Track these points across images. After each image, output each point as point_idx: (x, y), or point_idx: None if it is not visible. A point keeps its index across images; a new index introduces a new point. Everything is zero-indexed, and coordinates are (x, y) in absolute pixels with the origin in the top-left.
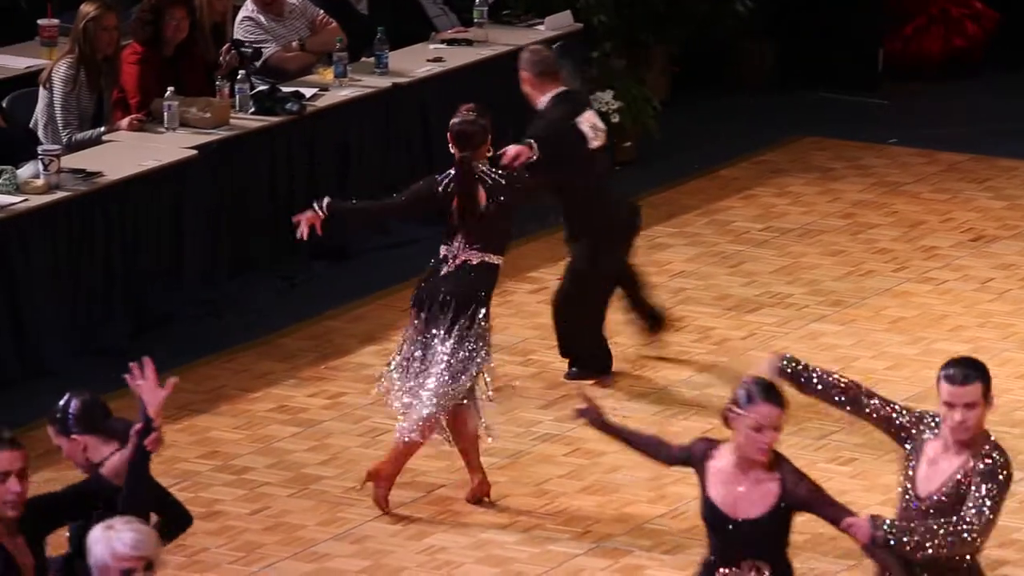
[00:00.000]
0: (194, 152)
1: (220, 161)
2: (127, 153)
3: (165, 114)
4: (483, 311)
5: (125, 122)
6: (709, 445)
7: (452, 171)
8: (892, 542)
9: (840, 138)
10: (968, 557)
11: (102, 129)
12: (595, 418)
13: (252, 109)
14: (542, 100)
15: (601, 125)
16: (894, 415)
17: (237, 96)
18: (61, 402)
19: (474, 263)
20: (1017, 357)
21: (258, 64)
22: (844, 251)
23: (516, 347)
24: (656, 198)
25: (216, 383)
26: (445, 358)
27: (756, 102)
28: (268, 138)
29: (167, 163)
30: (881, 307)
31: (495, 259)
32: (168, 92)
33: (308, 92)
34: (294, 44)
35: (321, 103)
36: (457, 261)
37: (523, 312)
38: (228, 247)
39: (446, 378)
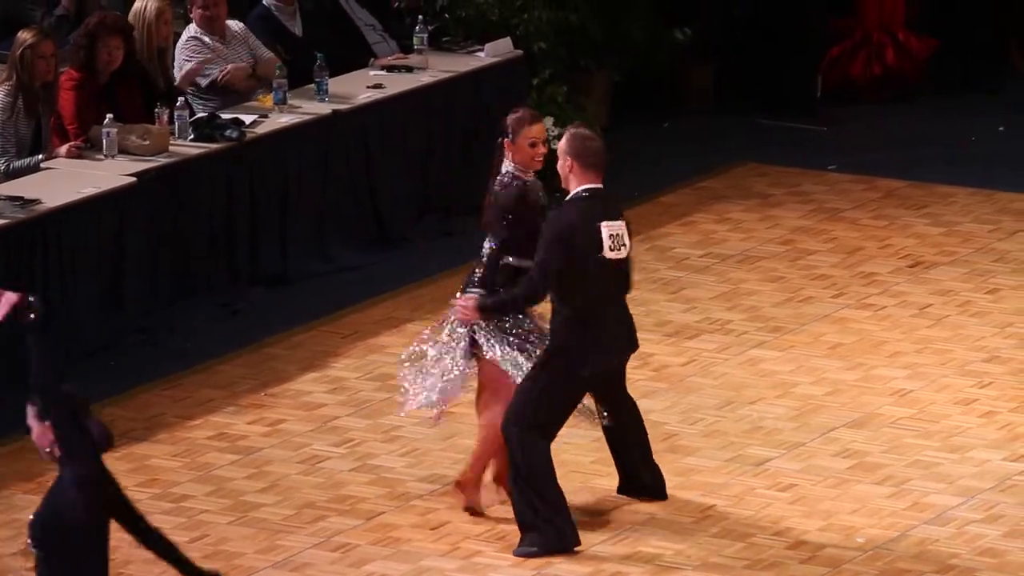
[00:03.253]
0: (133, 179)
1: (159, 188)
2: (66, 180)
3: (104, 141)
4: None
5: (63, 149)
6: None
7: None
8: None
9: (779, 164)
10: None
11: (40, 156)
12: None
13: (191, 136)
14: (573, 189)
15: (626, 240)
16: None
17: (176, 123)
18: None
19: (483, 252)
20: (955, 383)
21: (204, 84)
22: (783, 277)
23: None
24: None
25: (155, 410)
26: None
27: (696, 129)
28: (208, 165)
29: (106, 190)
30: (820, 333)
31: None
32: (107, 119)
33: (248, 119)
34: (244, 61)
35: (261, 130)
36: None
37: None
38: (167, 274)
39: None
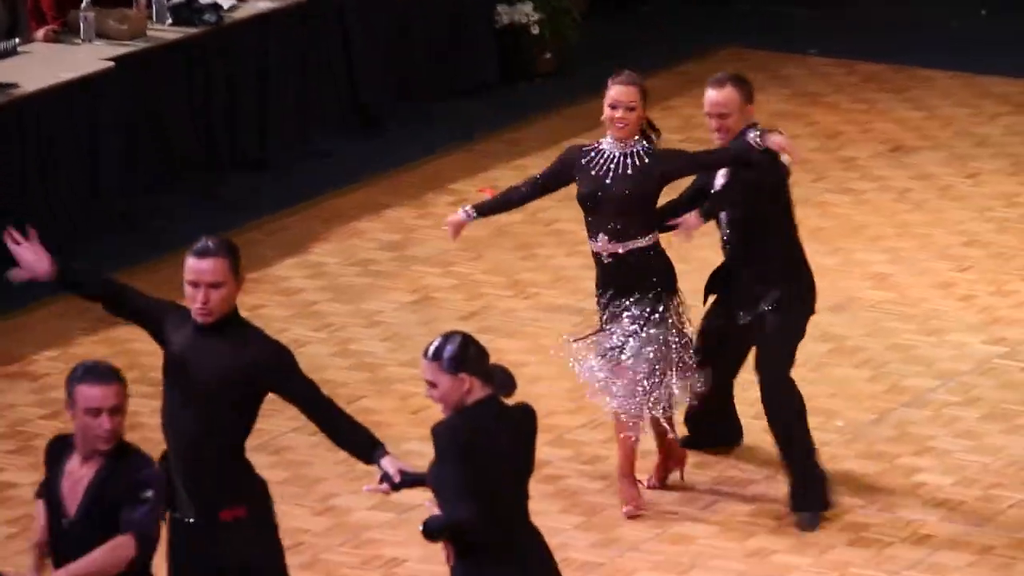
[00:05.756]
0: (111, 64)
1: (137, 72)
2: (43, 65)
3: (81, 25)
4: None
5: (40, 33)
6: None
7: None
8: None
9: (759, 48)
10: None
11: (16, 40)
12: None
13: (169, 20)
14: (739, 131)
15: None
16: None
17: (154, 7)
18: (449, 342)
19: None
20: (935, 267)
21: None
22: None
23: (435, 258)
24: (576, 109)
25: None
26: None
27: (675, 13)
28: (186, 49)
29: (84, 75)
30: (800, 217)
31: None
32: (84, 2)
33: (226, 3)
34: None
35: (239, 14)
36: None
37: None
38: (146, 159)
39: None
